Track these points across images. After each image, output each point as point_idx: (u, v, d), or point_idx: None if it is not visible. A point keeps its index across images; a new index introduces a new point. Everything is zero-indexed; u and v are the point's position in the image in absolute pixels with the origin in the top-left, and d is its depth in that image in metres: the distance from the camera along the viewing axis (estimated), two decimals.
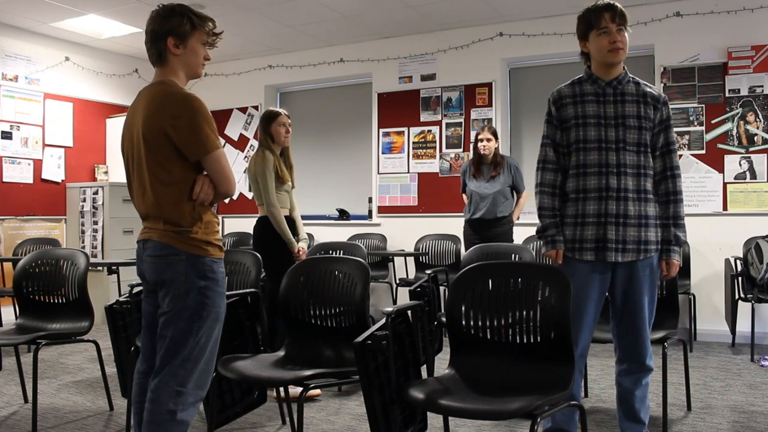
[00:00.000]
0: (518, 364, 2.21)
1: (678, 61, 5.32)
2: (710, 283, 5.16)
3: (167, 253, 2.02)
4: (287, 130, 3.78)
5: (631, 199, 2.42)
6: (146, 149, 2.02)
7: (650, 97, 2.48)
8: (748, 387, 3.74)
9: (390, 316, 2.17)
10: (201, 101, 2.01)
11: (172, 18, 2.05)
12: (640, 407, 2.54)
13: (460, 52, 6.22)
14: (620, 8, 2.44)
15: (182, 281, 2.00)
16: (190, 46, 2.08)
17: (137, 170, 2.08)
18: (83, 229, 6.47)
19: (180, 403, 1.98)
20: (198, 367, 2.02)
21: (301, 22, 6.04)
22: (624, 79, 2.49)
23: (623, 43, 2.42)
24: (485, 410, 2.01)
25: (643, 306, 2.47)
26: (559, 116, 2.52)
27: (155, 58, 2.10)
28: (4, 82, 6.06)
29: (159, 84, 2.07)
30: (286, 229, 3.70)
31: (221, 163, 2.03)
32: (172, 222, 2.02)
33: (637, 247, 2.43)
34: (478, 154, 4.90)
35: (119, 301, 3.14)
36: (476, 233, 4.85)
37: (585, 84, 2.52)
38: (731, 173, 5.14)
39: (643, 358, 2.51)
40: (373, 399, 2.06)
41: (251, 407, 2.95)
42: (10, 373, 4.05)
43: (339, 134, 7.09)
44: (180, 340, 2.00)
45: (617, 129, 2.44)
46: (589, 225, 2.45)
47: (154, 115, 2.00)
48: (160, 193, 2.02)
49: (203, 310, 2.02)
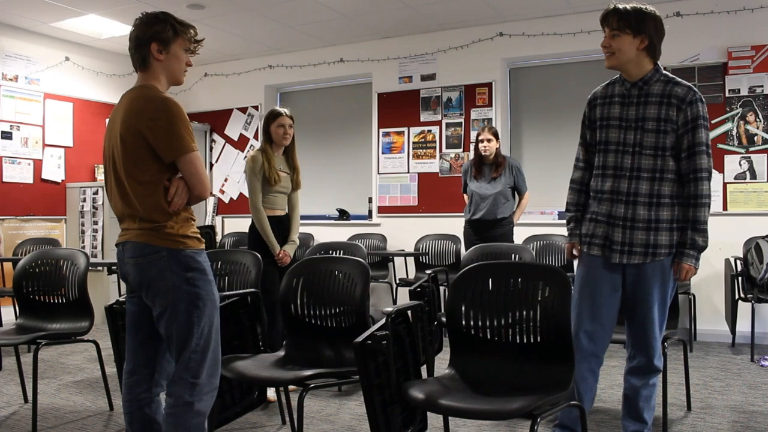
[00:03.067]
0: (518, 364, 2.21)
1: (678, 61, 5.32)
2: (710, 283, 5.16)
3: (147, 252, 2.04)
4: (285, 131, 3.77)
5: (642, 203, 2.43)
6: (123, 150, 2.05)
7: (675, 97, 2.40)
8: (748, 387, 3.74)
9: (390, 316, 2.17)
10: (179, 105, 2.06)
11: (155, 24, 2.11)
12: (644, 406, 2.54)
13: (460, 52, 6.22)
14: (616, 11, 2.41)
15: (168, 276, 2.03)
16: (173, 52, 2.13)
17: (114, 171, 2.11)
18: (83, 229, 6.47)
19: (196, 394, 2.03)
20: (207, 356, 2.07)
21: (301, 22, 6.04)
22: (652, 79, 2.45)
23: (613, 48, 2.42)
24: (485, 410, 2.01)
25: (651, 307, 2.46)
26: (591, 116, 2.59)
27: (138, 63, 2.15)
28: (4, 82, 6.06)
29: (140, 88, 2.12)
30: (267, 230, 3.69)
31: (196, 165, 2.06)
32: (147, 220, 2.05)
33: (645, 251, 2.43)
34: (479, 154, 4.90)
35: (119, 301, 3.12)
36: (476, 234, 4.84)
37: (616, 85, 2.55)
38: (731, 173, 5.14)
39: (651, 357, 2.50)
40: (373, 399, 2.06)
41: (251, 407, 2.95)
42: (10, 373, 4.05)
43: (339, 134, 7.09)
44: (185, 334, 2.03)
45: (636, 132, 2.44)
46: (600, 224, 2.52)
47: (132, 117, 2.04)
48: (136, 191, 2.05)
49: (198, 299, 2.05)
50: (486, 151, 4.84)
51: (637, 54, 2.42)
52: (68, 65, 6.61)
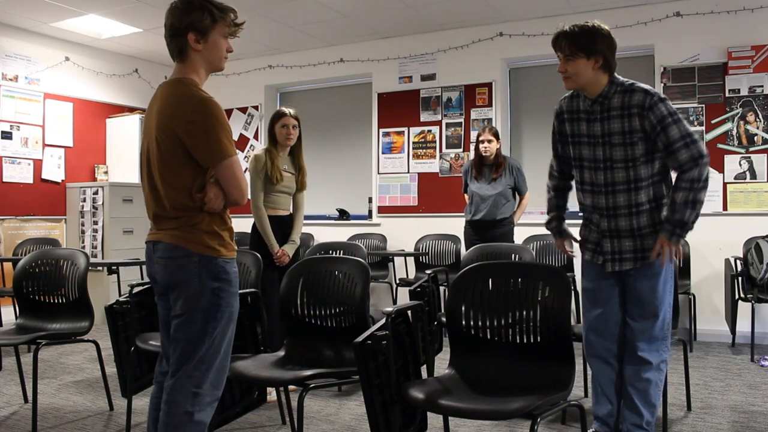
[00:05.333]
0: (518, 364, 2.21)
1: (678, 61, 5.32)
2: (710, 283, 5.16)
3: (180, 255, 1.98)
4: (289, 131, 3.78)
5: (623, 215, 2.50)
6: (158, 151, 1.98)
7: (635, 106, 2.41)
8: (748, 387, 3.74)
9: (390, 316, 2.17)
10: (218, 106, 1.96)
11: (192, 12, 1.97)
12: (638, 400, 2.54)
13: (460, 52, 6.22)
14: (565, 35, 2.43)
15: (195, 283, 1.97)
16: (212, 41, 2.01)
17: (149, 170, 2.05)
18: (83, 229, 6.47)
19: (197, 404, 1.96)
20: (213, 368, 2.00)
21: (301, 22, 6.04)
22: (610, 92, 2.48)
23: (570, 72, 2.45)
24: (486, 410, 2.01)
25: (643, 302, 2.52)
26: (561, 130, 2.68)
27: (175, 53, 2.03)
28: (4, 82, 6.06)
29: (176, 83, 2.01)
30: (266, 229, 3.71)
31: (234, 170, 1.96)
32: (179, 221, 1.99)
33: (634, 255, 2.51)
34: (480, 155, 4.89)
35: (119, 301, 3.14)
36: (477, 234, 4.84)
37: (579, 100, 2.59)
38: (731, 173, 5.14)
39: (635, 348, 2.53)
40: (373, 399, 2.06)
41: (251, 407, 2.95)
42: (10, 373, 4.05)
43: (339, 134, 7.09)
44: (195, 342, 1.98)
45: (605, 147, 2.50)
46: (593, 231, 2.63)
47: (166, 119, 1.96)
48: (168, 194, 1.99)
49: (217, 311, 1.99)
50: (486, 152, 4.83)
51: (594, 73, 2.45)
52: (68, 65, 6.60)
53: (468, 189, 5.01)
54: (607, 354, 2.61)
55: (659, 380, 2.57)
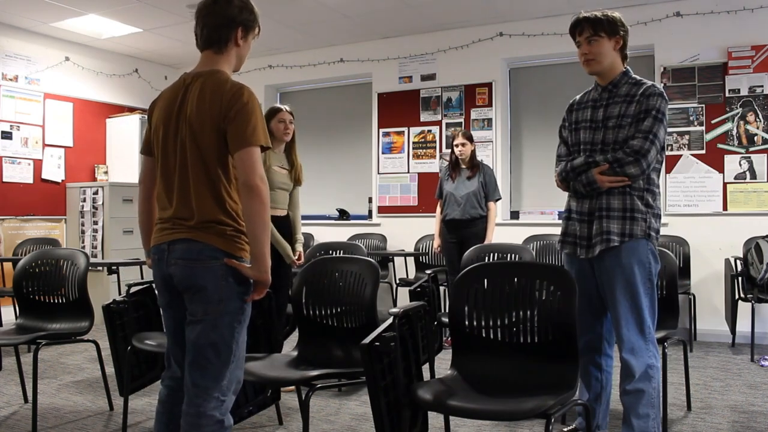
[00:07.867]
0: (522, 364, 2.21)
1: (678, 61, 5.32)
2: (710, 283, 5.17)
3: (205, 256, 1.90)
4: (286, 126, 3.76)
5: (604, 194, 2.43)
6: (193, 143, 1.93)
7: (639, 94, 2.42)
8: (748, 387, 3.74)
9: (397, 317, 2.15)
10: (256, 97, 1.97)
11: (245, 9, 2.07)
12: (629, 414, 2.39)
13: (460, 52, 6.22)
14: (587, 20, 2.44)
15: (222, 286, 1.91)
16: (249, 41, 2.12)
17: (181, 166, 1.96)
18: (83, 229, 6.46)
19: (224, 410, 1.94)
20: (236, 372, 1.98)
21: (301, 22, 6.04)
22: (620, 81, 2.49)
23: (594, 53, 2.45)
24: (499, 411, 2.00)
25: (616, 300, 2.40)
26: (569, 119, 2.66)
27: (214, 41, 2.02)
28: (4, 82, 6.06)
29: (214, 74, 1.99)
30: (277, 238, 3.67)
31: (253, 158, 1.88)
32: (208, 220, 1.92)
33: (600, 238, 2.42)
34: (455, 158, 4.94)
35: (116, 301, 3.14)
36: (451, 233, 4.91)
37: (592, 92, 2.61)
38: (731, 173, 5.14)
39: (624, 356, 2.39)
40: (379, 401, 2.04)
41: (264, 406, 2.93)
42: (10, 373, 4.05)
43: (339, 134, 7.09)
44: (222, 348, 1.92)
45: (601, 131, 2.49)
46: (573, 221, 2.56)
47: (212, 108, 1.91)
48: (198, 191, 1.92)
49: (242, 314, 1.96)
50: (462, 155, 4.88)
51: (614, 55, 2.47)
52: (68, 65, 6.60)
53: (443, 191, 5.01)
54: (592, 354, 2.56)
55: (650, 389, 2.38)
